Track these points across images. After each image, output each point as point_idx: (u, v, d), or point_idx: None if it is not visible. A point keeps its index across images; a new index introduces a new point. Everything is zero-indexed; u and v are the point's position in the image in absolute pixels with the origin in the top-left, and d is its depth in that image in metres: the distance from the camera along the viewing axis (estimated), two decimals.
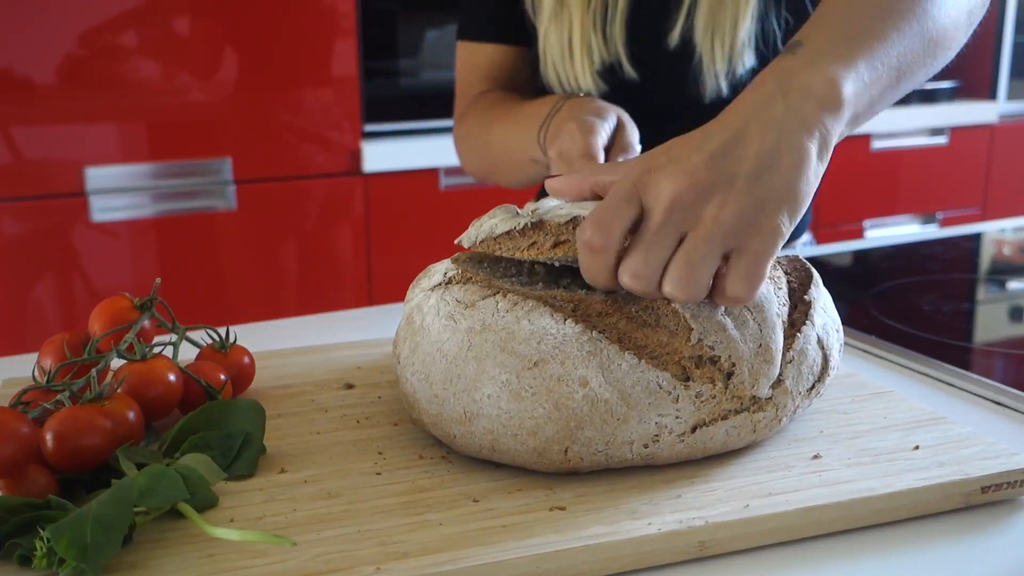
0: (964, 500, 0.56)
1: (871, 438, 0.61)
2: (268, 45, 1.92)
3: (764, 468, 0.58)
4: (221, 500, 0.54)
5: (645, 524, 0.51)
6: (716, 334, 0.56)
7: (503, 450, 0.56)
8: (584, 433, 0.55)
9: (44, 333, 1.84)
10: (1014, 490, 0.56)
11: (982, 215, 2.77)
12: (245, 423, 0.60)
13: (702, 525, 0.51)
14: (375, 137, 2.04)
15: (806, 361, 0.60)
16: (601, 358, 0.55)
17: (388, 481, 0.57)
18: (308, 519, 0.52)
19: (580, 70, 0.99)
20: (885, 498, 0.54)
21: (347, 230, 2.04)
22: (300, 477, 0.57)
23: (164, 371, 0.62)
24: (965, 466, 0.57)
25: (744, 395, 0.57)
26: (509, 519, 0.52)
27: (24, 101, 1.77)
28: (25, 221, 1.81)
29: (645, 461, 0.57)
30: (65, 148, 1.81)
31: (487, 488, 0.56)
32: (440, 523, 0.52)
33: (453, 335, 0.57)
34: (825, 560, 0.52)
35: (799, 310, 0.62)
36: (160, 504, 0.51)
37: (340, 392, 0.70)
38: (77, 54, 1.78)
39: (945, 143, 2.66)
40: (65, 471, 0.55)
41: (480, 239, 0.63)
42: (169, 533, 0.51)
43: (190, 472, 0.53)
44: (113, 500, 0.48)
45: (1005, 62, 2.71)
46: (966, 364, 0.79)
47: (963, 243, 1.28)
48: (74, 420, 0.54)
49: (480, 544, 0.49)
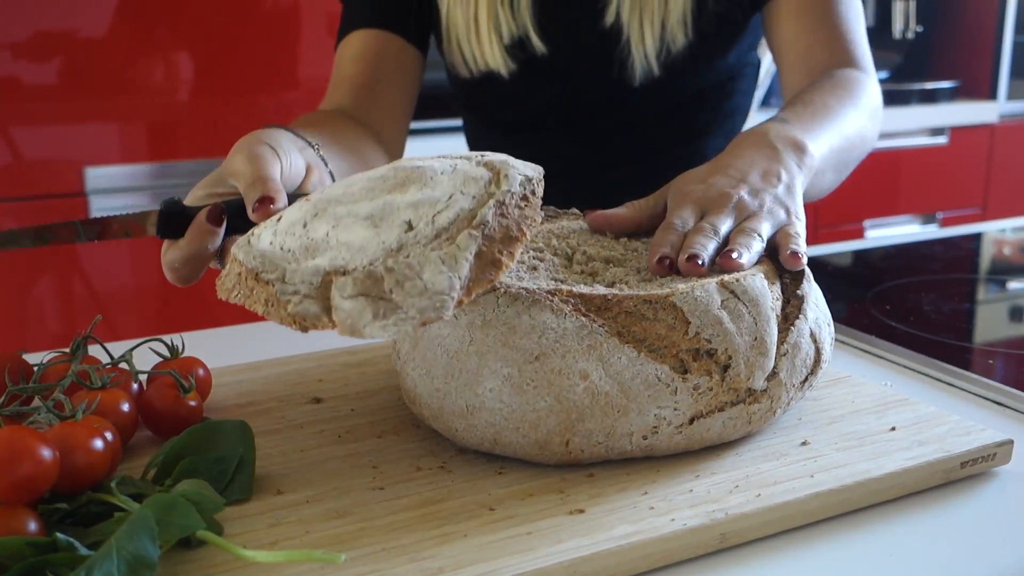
0: (945, 476, 0.59)
1: (849, 422, 0.64)
2: (269, 45, 1.92)
3: (760, 457, 0.59)
4: (225, 527, 0.52)
5: (668, 520, 0.52)
6: (713, 327, 0.57)
7: (505, 443, 0.57)
8: (585, 425, 0.56)
9: (44, 333, 1.84)
10: (987, 463, 0.61)
11: (982, 215, 2.77)
12: (234, 444, 0.57)
13: (724, 518, 0.52)
14: None
15: (799, 354, 0.61)
16: (601, 351, 0.55)
17: (393, 496, 0.55)
18: (325, 540, 0.51)
19: (487, 45, 0.95)
20: (882, 479, 0.57)
21: None
22: (300, 498, 0.55)
23: (117, 402, 0.60)
24: (943, 444, 0.60)
25: (740, 387, 0.58)
26: (533, 525, 0.52)
27: (24, 101, 1.77)
28: (25, 221, 1.81)
29: (644, 453, 0.58)
30: (65, 148, 1.81)
31: (499, 495, 0.55)
32: (464, 534, 0.51)
33: (454, 330, 0.58)
34: (830, 540, 0.54)
35: (792, 304, 0.63)
36: (178, 535, 0.48)
37: (309, 407, 0.68)
38: (77, 54, 1.78)
39: (945, 143, 2.66)
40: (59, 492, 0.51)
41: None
42: (184, 566, 0.49)
43: (200, 499, 0.50)
44: (132, 535, 0.45)
45: (1005, 62, 2.71)
46: (966, 364, 0.79)
47: (963, 243, 1.28)
48: (72, 436, 0.51)
49: (512, 553, 0.49)
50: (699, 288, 0.58)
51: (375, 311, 0.49)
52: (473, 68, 0.99)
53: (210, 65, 1.88)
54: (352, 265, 0.51)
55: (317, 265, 0.52)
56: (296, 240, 0.55)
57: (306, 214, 0.56)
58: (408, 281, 0.50)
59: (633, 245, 0.69)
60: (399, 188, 0.56)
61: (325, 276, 0.52)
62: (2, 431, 0.49)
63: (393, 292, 0.50)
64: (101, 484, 0.53)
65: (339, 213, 0.55)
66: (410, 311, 0.49)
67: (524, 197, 0.57)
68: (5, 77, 1.75)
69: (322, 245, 0.54)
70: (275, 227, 0.57)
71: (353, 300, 0.50)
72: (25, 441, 0.48)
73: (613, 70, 0.98)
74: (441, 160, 0.60)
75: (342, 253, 0.52)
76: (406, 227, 0.53)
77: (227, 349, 0.83)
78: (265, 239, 0.56)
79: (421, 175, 0.57)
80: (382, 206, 0.55)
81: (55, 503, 0.51)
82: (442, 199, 0.55)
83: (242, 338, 0.91)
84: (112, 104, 1.83)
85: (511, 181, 0.57)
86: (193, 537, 0.49)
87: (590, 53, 0.98)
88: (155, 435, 0.64)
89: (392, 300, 0.50)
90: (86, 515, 0.51)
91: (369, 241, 0.53)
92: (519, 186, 0.57)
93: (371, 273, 0.51)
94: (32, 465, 0.48)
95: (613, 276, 0.63)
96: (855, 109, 0.86)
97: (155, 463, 0.57)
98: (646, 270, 0.64)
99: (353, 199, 0.56)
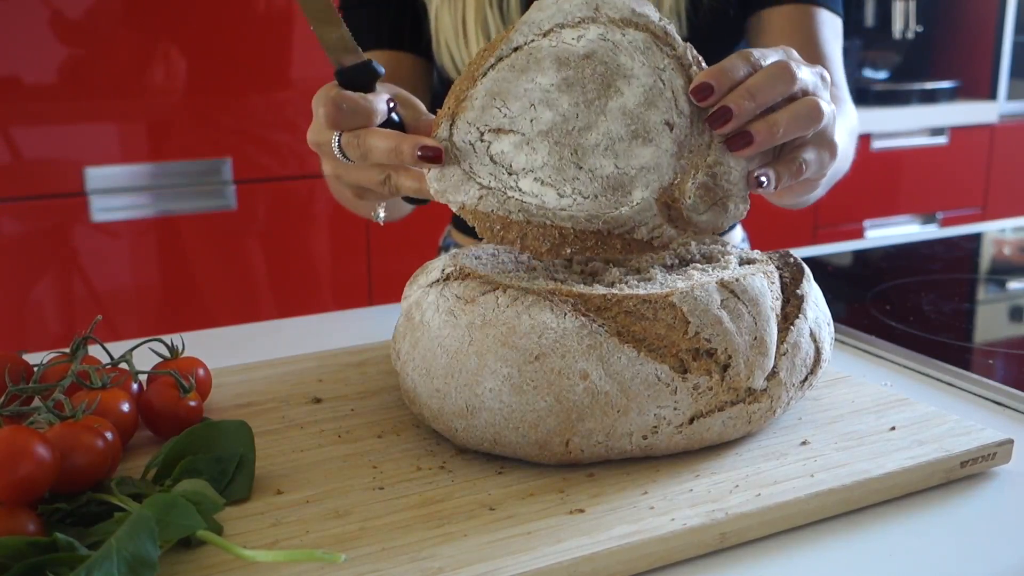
0: (945, 475, 0.59)
1: (848, 422, 0.64)
2: (269, 45, 1.92)
3: (760, 457, 0.59)
4: (225, 527, 0.52)
5: (668, 520, 0.52)
6: (712, 327, 0.57)
7: (505, 443, 0.57)
8: (585, 425, 0.56)
9: (44, 333, 1.84)
10: (987, 463, 0.61)
11: (982, 215, 2.77)
12: (235, 444, 0.57)
13: (724, 517, 0.52)
14: None
15: (799, 354, 0.61)
16: (601, 351, 0.55)
17: (393, 495, 0.55)
18: (325, 540, 0.51)
19: (475, 48, 0.94)
20: (882, 479, 0.57)
21: (347, 230, 2.04)
22: (300, 497, 0.55)
23: (117, 402, 0.60)
24: (943, 443, 0.60)
25: (740, 387, 0.58)
26: (532, 525, 0.52)
27: (24, 101, 1.77)
28: (25, 221, 1.81)
29: (644, 452, 0.58)
30: (65, 148, 1.81)
31: (499, 496, 0.55)
32: (465, 534, 0.51)
33: (454, 330, 0.58)
34: (830, 540, 0.54)
35: (792, 304, 0.63)
36: (178, 535, 0.48)
37: (309, 407, 0.68)
38: (77, 54, 1.78)
39: (945, 143, 2.66)
40: (59, 492, 0.51)
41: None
42: (184, 565, 0.48)
43: (200, 499, 0.51)
44: (132, 535, 0.45)
45: (1005, 62, 2.71)
46: (966, 364, 0.79)
47: (963, 243, 1.28)
48: (72, 436, 0.51)
49: (512, 553, 0.49)
50: (699, 288, 0.58)
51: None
52: (460, 68, 0.98)
53: (210, 65, 1.88)
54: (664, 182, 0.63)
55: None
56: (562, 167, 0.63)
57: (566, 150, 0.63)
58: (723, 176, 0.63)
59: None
60: (603, 94, 0.62)
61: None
62: (2, 431, 0.49)
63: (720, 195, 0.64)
64: (101, 484, 0.53)
65: (590, 143, 0.62)
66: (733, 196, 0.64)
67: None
68: (5, 77, 1.75)
69: (623, 180, 0.63)
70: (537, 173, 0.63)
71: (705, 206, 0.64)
72: (25, 441, 0.48)
73: None
74: (597, 33, 0.63)
75: (648, 176, 0.63)
76: (667, 128, 0.62)
77: (227, 349, 0.83)
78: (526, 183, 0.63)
79: (616, 68, 0.62)
80: (630, 118, 0.62)
81: (55, 503, 0.51)
82: (655, 90, 0.62)
83: (242, 338, 0.91)
84: (112, 104, 1.83)
85: (672, 37, 0.63)
86: (193, 537, 0.49)
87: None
88: (155, 435, 0.64)
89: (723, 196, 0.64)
90: (86, 515, 0.51)
91: (653, 157, 0.62)
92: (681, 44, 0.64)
93: (703, 184, 0.63)
94: (32, 465, 0.48)
95: (612, 276, 0.63)
96: (845, 131, 0.86)
97: (155, 463, 0.57)
98: (646, 270, 0.64)
99: (579, 122, 0.62)
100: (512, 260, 0.65)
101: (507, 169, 0.62)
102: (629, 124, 0.62)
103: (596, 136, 0.62)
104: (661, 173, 0.63)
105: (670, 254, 0.66)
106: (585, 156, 0.62)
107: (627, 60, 0.62)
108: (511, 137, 0.62)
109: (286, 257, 2.02)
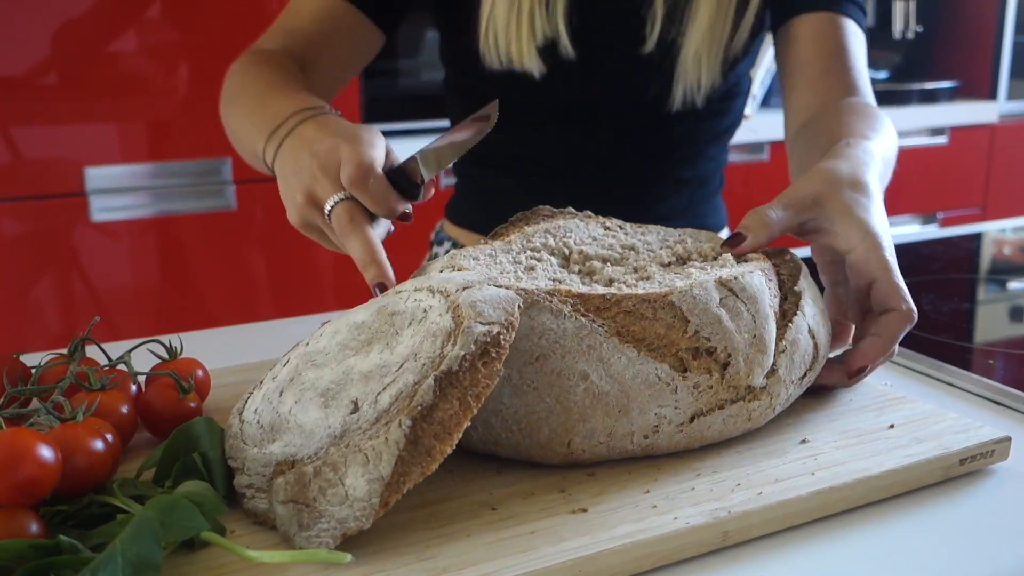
0: (944, 473, 0.60)
1: (848, 420, 0.64)
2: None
3: (761, 455, 0.59)
4: (227, 527, 0.52)
5: (671, 519, 0.52)
6: (712, 326, 0.58)
7: (506, 445, 0.57)
8: (586, 426, 0.56)
9: (44, 333, 1.84)
10: (986, 460, 0.61)
11: (982, 215, 2.77)
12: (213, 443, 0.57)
13: (727, 516, 0.52)
14: None
15: (798, 351, 0.61)
16: (601, 352, 0.55)
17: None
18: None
19: (526, 44, 0.96)
20: (882, 476, 0.57)
21: None
22: None
23: (117, 403, 0.60)
24: (942, 441, 0.61)
25: (740, 385, 0.58)
26: (535, 525, 0.52)
27: (24, 101, 1.77)
28: (25, 221, 1.81)
29: (645, 452, 0.58)
30: (65, 148, 1.81)
31: (501, 495, 0.55)
32: (468, 534, 0.51)
33: None
34: (831, 538, 0.54)
35: (790, 301, 0.63)
36: (181, 536, 0.48)
37: None
38: (77, 54, 1.78)
39: (945, 143, 2.66)
40: (61, 494, 0.51)
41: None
42: (188, 567, 0.48)
43: (203, 500, 0.50)
44: (135, 537, 0.45)
45: (1005, 62, 2.71)
46: (966, 364, 0.79)
47: (963, 243, 1.28)
48: (74, 437, 0.51)
49: (515, 552, 0.49)
50: (697, 286, 0.58)
51: (300, 520, 0.49)
52: (505, 64, 0.99)
53: (210, 65, 1.88)
54: (300, 454, 0.51)
55: (271, 453, 0.53)
56: (270, 412, 0.56)
57: (288, 375, 0.57)
58: (331, 488, 0.49)
59: (629, 243, 0.69)
60: (365, 348, 0.56)
61: (276, 467, 0.52)
62: (3, 433, 0.49)
63: (317, 500, 0.49)
64: (103, 486, 0.53)
65: (306, 382, 0.56)
66: (331, 521, 0.48)
67: (484, 352, 0.51)
68: (5, 77, 1.75)
69: (283, 424, 0.54)
70: (268, 386, 0.58)
71: (285, 506, 0.50)
72: (27, 443, 0.48)
73: (646, 93, 0.99)
74: (419, 297, 0.57)
75: (295, 438, 0.53)
76: (352, 408, 0.52)
77: (226, 350, 0.83)
78: (252, 405, 0.58)
79: (390, 327, 0.56)
80: (342, 375, 0.55)
81: (57, 505, 0.51)
82: (393, 368, 0.53)
83: (241, 338, 0.91)
84: (112, 104, 1.83)
85: (468, 337, 0.51)
86: (197, 538, 0.49)
87: (622, 70, 0.99)
88: (154, 436, 0.64)
89: (316, 508, 0.49)
90: (88, 517, 0.51)
91: (318, 425, 0.52)
92: (474, 344, 0.51)
93: (301, 476, 0.50)
94: (34, 467, 0.48)
95: (611, 275, 0.63)
96: (891, 147, 0.91)
97: (150, 463, 0.56)
98: (643, 268, 0.64)
99: (326, 358, 0.57)
100: (510, 261, 0.65)
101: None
102: (335, 380, 0.55)
103: (310, 376, 0.57)
104: (303, 441, 0.53)
105: (668, 252, 0.66)
106: (290, 386, 0.57)
107: (408, 332, 0.55)
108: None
109: (286, 257, 2.02)
